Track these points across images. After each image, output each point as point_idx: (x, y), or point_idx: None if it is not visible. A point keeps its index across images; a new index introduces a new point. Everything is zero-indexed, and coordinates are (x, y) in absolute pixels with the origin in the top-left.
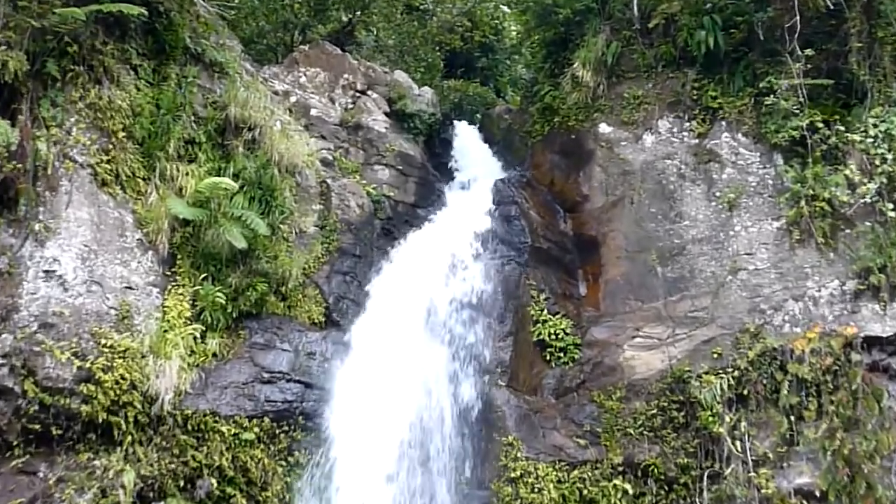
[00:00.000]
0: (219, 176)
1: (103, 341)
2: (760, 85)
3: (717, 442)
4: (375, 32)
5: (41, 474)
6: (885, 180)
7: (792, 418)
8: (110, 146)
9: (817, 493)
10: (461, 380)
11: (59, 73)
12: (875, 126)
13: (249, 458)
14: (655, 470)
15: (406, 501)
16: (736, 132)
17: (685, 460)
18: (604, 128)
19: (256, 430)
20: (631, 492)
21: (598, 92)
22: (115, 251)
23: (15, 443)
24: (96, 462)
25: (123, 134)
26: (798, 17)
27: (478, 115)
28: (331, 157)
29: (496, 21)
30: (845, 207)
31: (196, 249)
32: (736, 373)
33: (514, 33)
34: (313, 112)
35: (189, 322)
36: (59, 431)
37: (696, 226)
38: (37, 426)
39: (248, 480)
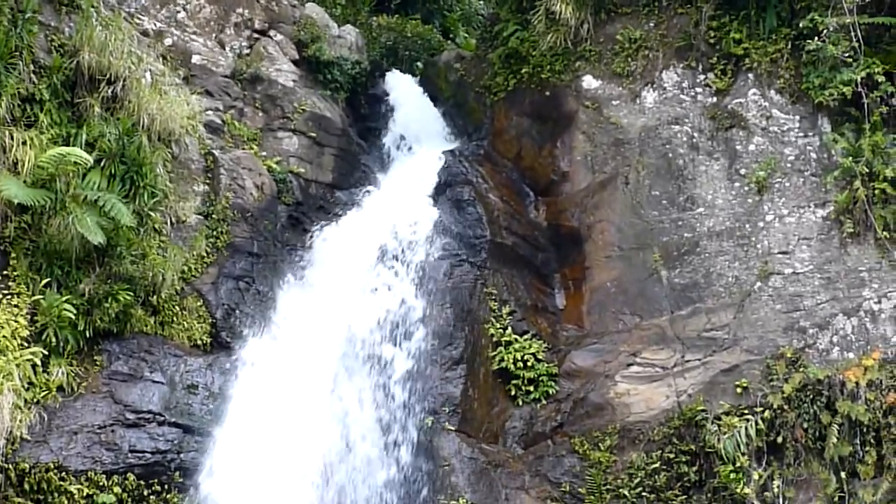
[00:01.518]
0: (67, 145)
1: None
2: (800, 25)
3: None
4: None
5: None
6: None
7: (842, 475)
8: None
9: None
10: (393, 423)
11: None
12: None
13: None
14: None
15: None
16: (767, 88)
17: None
18: (589, 81)
19: (118, 489)
20: None
21: (581, 33)
22: None
23: None
24: None
25: None
26: None
27: (418, 64)
28: (220, 121)
29: None
30: None
31: (36, 246)
32: (767, 413)
33: None
34: (196, 59)
35: (26, 344)
36: None
37: (713, 214)
38: None
39: None
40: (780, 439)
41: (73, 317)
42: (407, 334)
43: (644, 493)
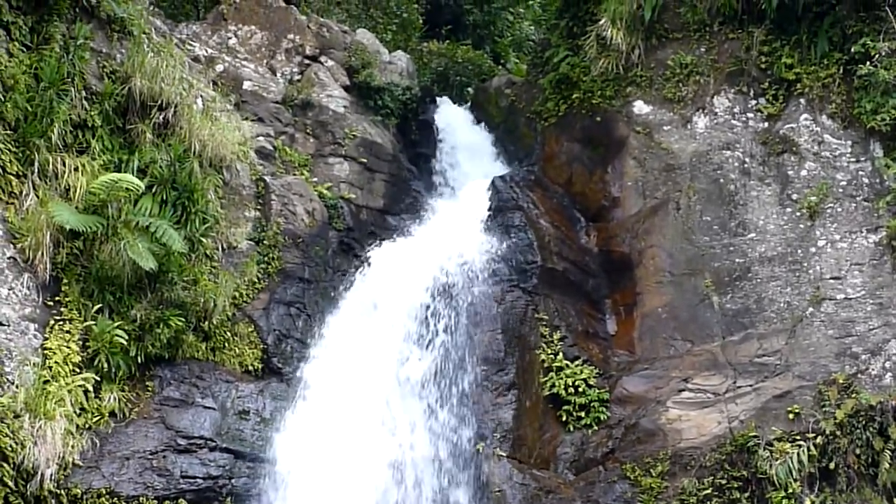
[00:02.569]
0: (119, 171)
1: None
2: (852, 49)
3: None
4: None
5: None
6: None
7: (895, 501)
8: None
9: None
10: (445, 449)
11: None
12: None
13: None
14: None
15: None
16: (819, 113)
17: None
18: (640, 107)
19: None
20: None
21: (632, 58)
22: None
23: None
24: None
25: None
26: None
27: (469, 90)
28: (271, 147)
29: None
30: None
31: (88, 271)
32: (820, 439)
33: None
34: (247, 85)
35: (78, 370)
36: None
37: (765, 240)
38: None
39: None
40: (832, 465)
41: (125, 342)
42: (459, 361)
43: None
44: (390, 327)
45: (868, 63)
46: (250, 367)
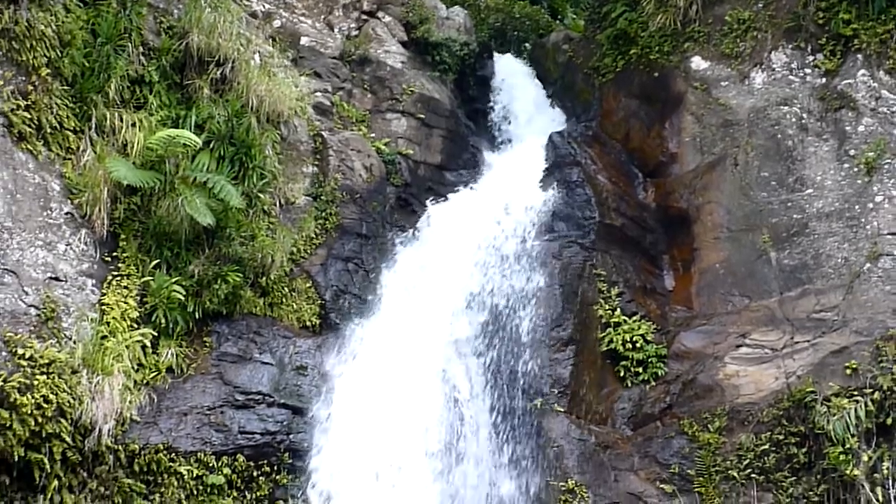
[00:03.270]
0: (176, 128)
1: (20, 351)
2: None
3: (851, 488)
4: None
5: None
6: None
7: None
8: (30, 87)
9: None
10: (503, 407)
11: None
12: None
13: None
14: None
15: None
16: (877, 69)
17: None
18: (698, 62)
19: (227, 471)
20: None
21: (690, 14)
22: (35, 230)
23: None
24: None
25: (48, 71)
26: None
27: (527, 46)
28: (328, 103)
29: None
30: None
31: (145, 227)
32: (877, 395)
33: None
34: (304, 41)
35: (136, 325)
36: None
37: (822, 195)
38: None
39: None
40: (889, 421)
41: (183, 298)
42: (516, 316)
43: (753, 475)
44: (447, 283)
45: None
46: (308, 323)
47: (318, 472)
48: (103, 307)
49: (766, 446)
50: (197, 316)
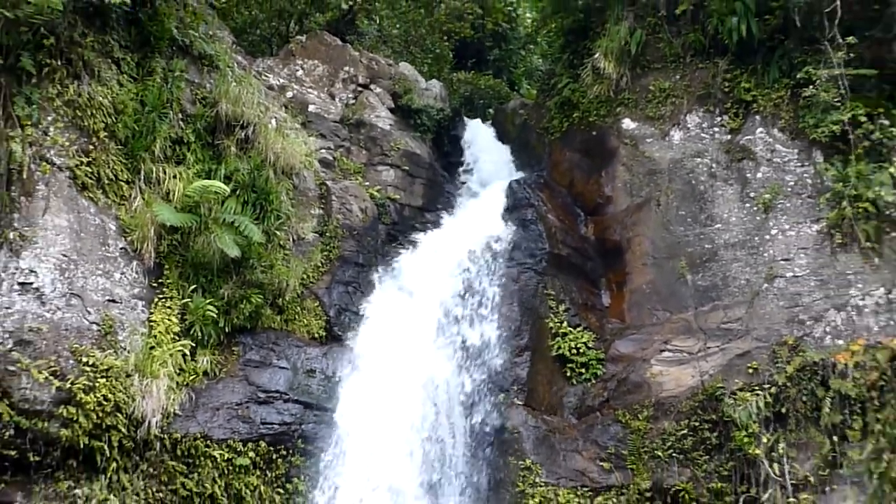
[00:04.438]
0: (209, 178)
1: (84, 359)
2: (798, 76)
3: (753, 465)
4: (378, 21)
5: None
6: None
7: (835, 438)
8: (91, 147)
9: None
10: (474, 399)
11: (34, 68)
12: None
13: (244, 486)
14: (686, 496)
15: None
16: (771, 127)
17: (719, 485)
18: (628, 123)
19: (252, 454)
20: None
21: (621, 84)
22: (96, 261)
23: None
24: (77, 491)
25: (105, 133)
26: (838, 2)
27: (490, 111)
28: (331, 157)
29: (509, 8)
30: (891, 209)
31: (185, 259)
32: (773, 389)
33: (530, 21)
34: (312, 108)
35: (177, 338)
36: (37, 458)
37: (728, 229)
38: (12, 452)
39: None
40: (784, 410)
41: (215, 316)
42: (485, 330)
43: (674, 454)
44: (427, 302)
45: (811, 87)
46: (316, 335)
47: (327, 454)
48: (151, 323)
49: (685, 431)
50: (227, 330)
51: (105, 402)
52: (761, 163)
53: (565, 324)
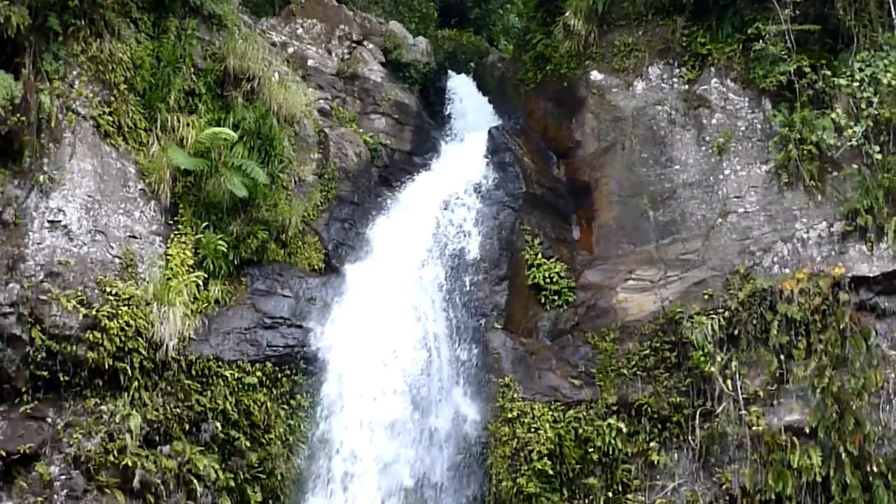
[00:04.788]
0: (219, 126)
1: (108, 289)
2: (748, 31)
3: (708, 381)
4: None
5: (49, 420)
6: (871, 123)
7: (782, 357)
8: (112, 98)
9: (807, 430)
10: (457, 324)
11: (60, 28)
12: (861, 70)
13: (252, 402)
14: (649, 409)
15: (407, 444)
16: (725, 78)
17: (678, 399)
18: (595, 75)
19: (259, 374)
20: (625, 430)
21: (589, 40)
22: (118, 201)
23: (23, 389)
24: (103, 407)
25: (125, 86)
26: None
27: (472, 65)
28: (328, 107)
29: None
30: (832, 150)
31: (197, 199)
32: (727, 313)
33: None
34: (310, 63)
35: (192, 270)
36: (67, 378)
37: (686, 170)
38: (44, 373)
39: (252, 423)
40: (736, 332)
41: (225, 250)
42: (465, 260)
43: (638, 373)
44: (416, 235)
45: (760, 41)
46: (316, 267)
47: (325, 372)
48: (168, 257)
49: (647, 351)
50: (235, 262)
51: (127, 328)
52: (716, 110)
53: (540, 256)
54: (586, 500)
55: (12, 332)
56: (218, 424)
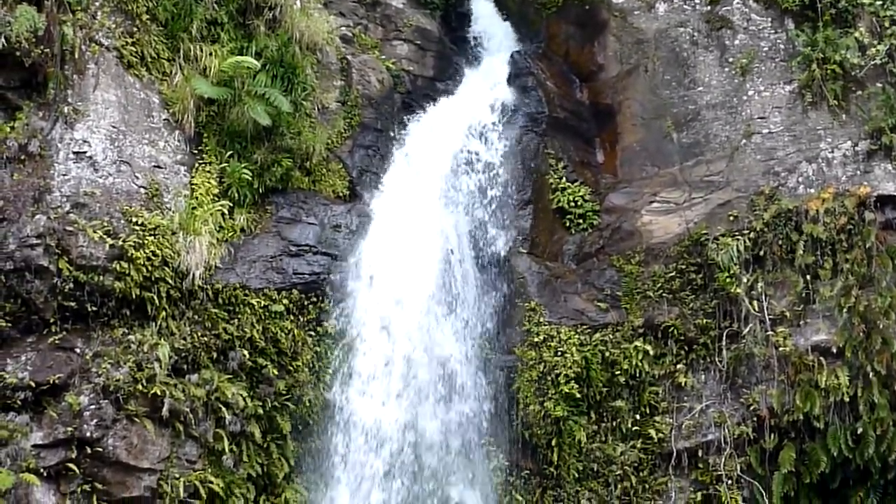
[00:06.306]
0: (241, 55)
1: (134, 219)
2: None
3: (734, 302)
4: None
5: (78, 350)
6: (894, 42)
7: (808, 277)
8: (135, 29)
9: (834, 350)
10: (482, 248)
11: None
12: None
13: (279, 330)
14: (675, 331)
15: (433, 372)
16: None
17: (704, 321)
18: None
19: (285, 301)
20: (652, 353)
21: None
22: (142, 131)
23: (51, 320)
24: (131, 337)
25: (147, 16)
26: None
27: None
28: (350, 34)
29: None
30: (856, 70)
31: (221, 128)
32: (752, 234)
33: None
34: None
35: (217, 199)
36: (94, 308)
37: (709, 91)
38: (72, 303)
39: (279, 351)
40: (761, 253)
41: (250, 178)
42: (488, 183)
43: (664, 295)
44: (440, 161)
45: None
46: (340, 194)
47: (350, 300)
48: (193, 186)
49: (673, 274)
50: (260, 191)
51: (153, 258)
52: (738, 31)
53: (564, 179)
54: (614, 423)
55: (39, 263)
56: (245, 352)
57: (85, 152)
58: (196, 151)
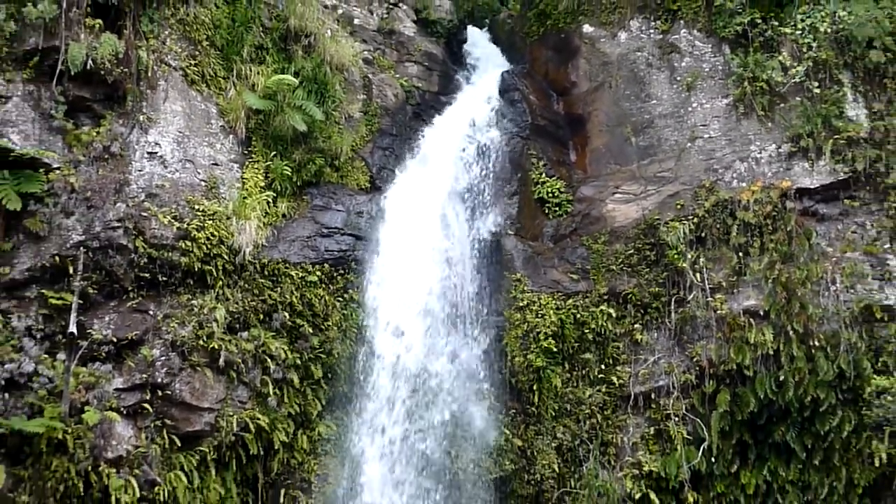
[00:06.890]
0: (283, 74)
1: (196, 207)
2: None
3: (681, 274)
4: None
5: (151, 312)
6: (811, 64)
7: (740, 254)
8: (197, 52)
9: (761, 313)
10: (479, 230)
11: None
12: (802, 20)
13: (314, 296)
14: (633, 297)
15: (438, 330)
16: (692, 29)
17: (656, 289)
18: (587, 28)
19: (318, 273)
20: (614, 315)
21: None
22: (203, 136)
23: (129, 288)
24: (194, 302)
25: (206, 43)
26: None
27: (486, 21)
28: (371, 57)
29: None
30: (780, 86)
31: (267, 133)
32: (695, 220)
33: None
34: (356, 21)
35: (263, 190)
36: (164, 278)
37: (661, 104)
38: (146, 275)
39: (314, 313)
40: (703, 234)
41: (290, 174)
42: (482, 177)
43: (624, 268)
44: (443, 159)
45: None
46: (363, 186)
47: (372, 273)
48: (244, 180)
49: (631, 251)
50: (298, 184)
51: (212, 238)
52: (685, 55)
53: (543, 175)
54: (583, 372)
55: (120, 242)
56: (286, 314)
57: (156, 152)
58: (246, 152)
